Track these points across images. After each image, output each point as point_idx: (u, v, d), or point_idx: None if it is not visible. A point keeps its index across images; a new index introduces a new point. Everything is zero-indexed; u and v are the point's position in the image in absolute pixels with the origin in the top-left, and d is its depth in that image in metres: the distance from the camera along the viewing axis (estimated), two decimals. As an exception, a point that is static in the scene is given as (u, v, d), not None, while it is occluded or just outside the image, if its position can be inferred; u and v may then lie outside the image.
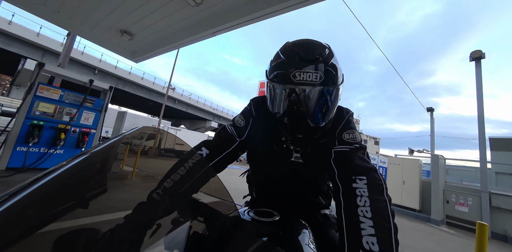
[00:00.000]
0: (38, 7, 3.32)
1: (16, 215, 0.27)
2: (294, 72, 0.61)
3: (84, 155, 0.41)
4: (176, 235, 0.52)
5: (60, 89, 3.64)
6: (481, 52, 5.25)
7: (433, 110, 8.01)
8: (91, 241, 0.34)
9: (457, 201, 5.01)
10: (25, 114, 3.27)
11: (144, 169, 0.78)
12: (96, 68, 20.03)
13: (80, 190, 0.40)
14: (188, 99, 31.80)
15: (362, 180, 0.58)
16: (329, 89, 0.63)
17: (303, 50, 0.64)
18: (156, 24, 3.45)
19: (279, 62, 0.66)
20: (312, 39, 0.70)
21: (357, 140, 0.71)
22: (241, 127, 0.83)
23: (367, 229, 0.47)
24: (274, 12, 2.54)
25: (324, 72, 0.62)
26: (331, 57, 0.65)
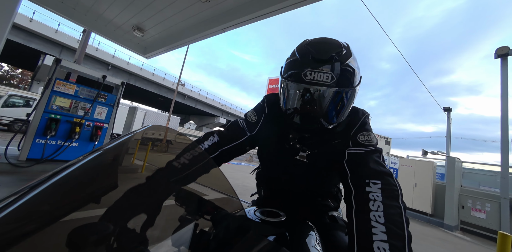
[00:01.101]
0: (56, 4, 3.43)
1: (34, 207, 0.28)
2: (306, 71, 0.60)
3: (98, 151, 0.41)
4: (183, 232, 0.52)
5: (75, 84, 3.77)
6: (508, 48, 4.90)
7: (451, 111, 7.64)
8: (102, 235, 0.35)
9: (473, 207, 4.77)
10: (43, 108, 3.42)
11: (153, 163, 0.79)
12: (110, 64, 20.64)
13: (93, 184, 0.41)
14: (197, 95, 32.19)
15: (376, 184, 0.56)
16: (340, 90, 0.61)
17: (317, 49, 0.62)
18: (167, 20, 3.48)
19: (293, 60, 0.65)
20: (330, 38, 0.67)
21: (372, 142, 0.68)
22: (252, 122, 0.83)
23: (379, 235, 0.46)
24: (284, 8, 2.48)
25: (338, 72, 0.59)
26: (348, 57, 0.62)
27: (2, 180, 2.61)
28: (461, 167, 5.33)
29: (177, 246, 0.48)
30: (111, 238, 0.35)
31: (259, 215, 0.70)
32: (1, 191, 2.29)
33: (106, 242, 0.34)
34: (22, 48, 16.66)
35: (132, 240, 0.38)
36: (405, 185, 5.96)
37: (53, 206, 0.31)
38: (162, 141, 10.37)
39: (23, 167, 3.08)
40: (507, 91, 4.69)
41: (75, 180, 0.36)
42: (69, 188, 0.35)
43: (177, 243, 0.49)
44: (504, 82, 4.78)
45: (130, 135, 0.51)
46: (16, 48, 16.65)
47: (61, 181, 0.32)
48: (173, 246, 0.48)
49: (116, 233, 0.35)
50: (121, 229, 0.37)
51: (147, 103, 38.91)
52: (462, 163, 5.39)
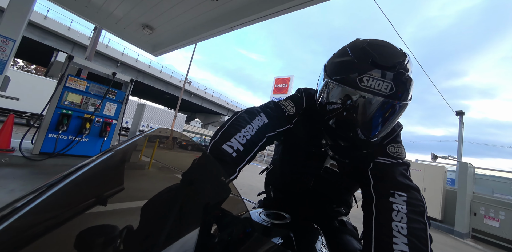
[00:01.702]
0: (69, 2, 3.51)
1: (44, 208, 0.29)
2: (363, 77, 0.52)
3: (105, 155, 0.42)
4: (188, 235, 0.53)
5: (86, 81, 3.86)
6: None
7: (463, 114, 7.39)
8: (109, 237, 0.36)
9: (486, 215, 4.60)
10: (56, 103, 3.53)
11: (160, 160, 0.80)
12: (119, 61, 21.03)
13: (101, 186, 0.42)
14: (204, 93, 32.42)
15: (402, 197, 0.54)
16: (395, 104, 0.54)
17: (380, 53, 0.54)
18: (176, 18, 3.50)
19: (346, 61, 0.57)
20: (390, 43, 0.59)
21: (401, 156, 0.65)
22: (291, 114, 0.70)
23: (400, 245, 0.44)
24: (292, 7, 2.45)
25: (397, 83, 0.52)
26: (410, 67, 0.56)
27: (17, 172, 2.71)
28: (473, 173, 5.15)
29: (182, 248, 0.49)
30: (117, 240, 0.35)
31: (265, 217, 0.69)
32: (15, 183, 2.38)
33: (113, 244, 0.35)
34: (36, 44, 17.20)
35: (138, 241, 0.38)
36: None
37: (62, 207, 0.32)
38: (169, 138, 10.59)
39: (36, 160, 3.20)
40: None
41: (83, 183, 0.37)
42: (78, 190, 0.36)
43: (182, 245, 0.50)
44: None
45: (137, 138, 0.51)
46: (31, 44, 17.21)
47: (70, 183, 0.33)
48: (178, 248, 0.49)
49: (123, 235, 0.36)
50: (128, 231, 0.37)
51: (154, 101, 39.52)
52: (475, 168, 5.21)
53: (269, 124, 0.62)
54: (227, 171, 0.49)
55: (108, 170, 0.43)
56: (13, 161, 3.02)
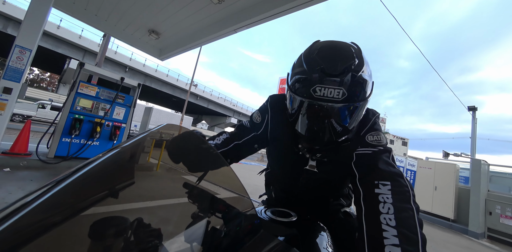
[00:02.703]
0: (80, 11, 3.68)
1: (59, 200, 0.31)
2: (315, 87, 0.55)
3: (116, 149, 0.44)
4: (195, 229, 0.54)
5: (96, 86, 4.01)
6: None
7: (476, 110, 7.11)
8: (120, 228, 0.38)
9: (503, 213, 4.36)
10: (69, 109, 3.69)
11: (167, 162, 0.82)
12: (127, 66, 21.66)
13: (112, 180, 0.44)
14: (210, 95, 32.80)
15: (386, 186, 0.54)
16: (351, 105, 0.57)
17: (328, 61, 0.56)
18: (181, 22, 3.59)
19: (301, 71, 0.60)
20: (342, 44, 0.62)
21: (381, 143, 0.66)
22: (257, 122, 0.83)
23: (391, 239, 0.44)
24: (296, 6, 2.45)
25: (350, 86, 0.55)
26: (361, 68, 0.57)
27: (34, 175, 2.85)
28: (488, 170, 4.92)
29: (189, 242, 0.51)
30: (128, 231, 0.37)
31: (270, 214, 0.70)
32: (33, 185, 2.50)
33: (124, 235, 0.37)
34: (50, 53, 18.01)
35: (148, 234, 0.40)
36: (423, 188, 5.61)
37: (77, 199, 0.35)
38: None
39: (52, 164, 3.34)
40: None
41: (95, 176, 0.39)
42: (90, 183, 0.38)
43: (190, 239, 0.51)
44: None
45: (146, 133, 0.54)
46: (45, 53, 18.04)
47: (83, 176, 0.35)
48: (186, 242, 0.50)
49: (133, 227, 0.38)
50: (138, 223, 0.40)
51: (161, 104, 40.34)
52: (489, 165, 4.98)
53: (231, 138, 0.82)
54: None
55: (120, 164, 0.45)
56: (30, 164, 3.18)
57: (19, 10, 14.91)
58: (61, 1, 3.46)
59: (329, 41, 0.65)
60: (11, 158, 3.06)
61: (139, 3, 3.26)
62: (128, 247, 0.36)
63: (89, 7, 3.62)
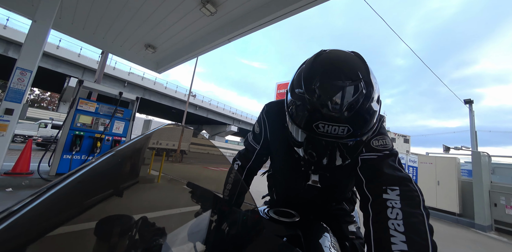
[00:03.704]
0: (79, 31, 3.83)
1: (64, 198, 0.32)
2: (318, 123, 0.50)
3: (119, 148, 0.45)
4: (199, 228, 0.55)
5: (95, 102, 4.09)
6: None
7: (472, 103, 7.16)
8: (125, 226, 0.39)
9: (508, 204, 4.28)
10: (69, 126, 3.73)
11: (169, 173, 0.82)
12: (126, 81, 22.04)
13: (117, 178, 0.45)
14: (208, 105, 33.06)
15: (394, 191, 0.52)
16: (359, 139, 0.53)
17: (331, 93, 0.49)
18: (176, 36, 3.72)
19: (301, 98, 0.53)
20: (347, 64, 0.53)
21: (387, 147, 0.63)
22: (257, 133, 0.86)
23: (399, 244, 0.43)
24: (285, 14, 2.56)
25: (354, 124, 0.50)
26: (369, 98, 0.50)
27: (36, 193, 2.84)
28: (488, 162, 4.87)
29: (193, 241, 0.51)
30: (133, 229, 0.39)
31: (273, 214, 0.70)
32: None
33: (129, 233, 0.38)
34: (50, 72, 18.42)
35: (152, 232, 0.41)
36: (426, 183, 5.55)
37: (83, 198, 0.36)
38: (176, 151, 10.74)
39: (54, 181, 3.32)
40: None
41: (99, 175, 0.40)
42: (95, 182, 0.39)
43: (193, 238, 0.52)
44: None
45: (148, 132, 0.55)
46: (45, 73, 18.45)
47: (88, 175, 0.36)
48: (189, 241, 0.51)
49: (138, 225, 0.39)
50: (143, 222, 0.40)
51: (161, 116, 40.56)
52: (491, 157, 4.93)
53: (243, 164, 0.89)
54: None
55: (124, 163, 0.47)
56: (32, 183, 3.18)
57: (20, 33, 15.42)
58: (60, 22, 3.61)
59: (334, 57, 0.56)
60: (13, 178, 3.07)
61: (135, 19, 3.40)
62: (133, 245, 0.37)
63: (87, 26, 3.77)
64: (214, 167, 0.90)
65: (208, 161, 0.89)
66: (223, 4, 2.74)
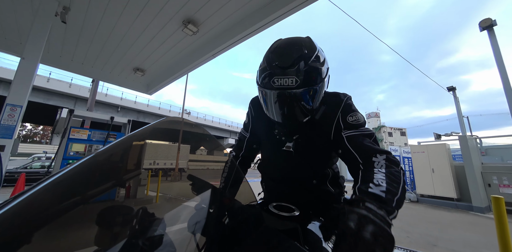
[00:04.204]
0: (68, 63, 3.96)
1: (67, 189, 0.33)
2: (273, 79, 0.66)
3: (122, 140, 0.46)
4: (198, 220, 0.55)
5: (87, 129, 4.11)
6: (490, 20, 4.89)
7: (455, 90, 7.43)
8: (125, 216, 0.39)
9: (500, 183, 4.34)
10: (62, 156, 3.69)
11: (167, 192, 0.81)
12: (119, 106, 22.12)
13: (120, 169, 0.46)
14: (204, 120, 33.15)
15: (382, 156, 0.64)
16: (309, 88, 0.67)
17: (280, 56, 0.67)
18: (163, 57, 3.87)
19: (263, 69, 0.71)
20: (294, 40, 0.72)
21: (360, 121, 0.76)
22: (246, 123, 1.02)
23: (379, 174, 0.57)
24: (264, 26, 2.72)
25: (302, 74, 0.65)
26: (310, 56, 0.67)
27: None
28: (476, 144, 4.94)
29: (192, 232, 0.51)
30: (133, 219, 0.39)
31: (273, 209, 0.71)
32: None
33: (129, 223, 0.39)
34: (42, 106, 18.40)
35: (152, 223, 0.41)
36: (422, 172, 5.61)
37: (85, 188, 0.37)
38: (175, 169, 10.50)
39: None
40: (502, 61, 4.57)
41: (102, 166, 0.41)
42: (97, 173, 0.40)
43: (193, 230, 0.52)
44: (497, 53, 4.70)
45: (149, 125, 0.54)
46: (37, 107, 18.42)
47: (90, 166, 0.37)
48: (189, 232, 0.51)
49: (138, 216, 0.40)
50: (142, 212, 0.41)
51: (157, 138, 40.12)
52: (480, 139, 5.02)
53: (236, 153, 1.04)
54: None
55: (126, 154, 0.48)
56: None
57: (9, 71, 15.64)
58: (48, 56, 3.73)
59: (285, 38, 0.75)
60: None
61: (121, 46, 3.55)
62: (133, 235, 0.38)
63: (75, 58, 3.90)
64: (216, 182, 0.91)
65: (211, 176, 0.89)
66: (203, 23, 2.92)
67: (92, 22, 2.97)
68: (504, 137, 5.68)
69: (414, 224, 3.84)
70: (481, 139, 4.87)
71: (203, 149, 41.89)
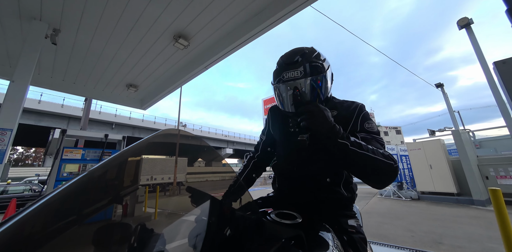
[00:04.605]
0: (59, 84, 3.95)
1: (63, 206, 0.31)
2: (283, 74, 0.83)
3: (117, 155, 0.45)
4: (199, 232, 0.53)
5: (81, 149, 4.03)
6: (467, 19, 5.18)
7: (443, 86, 7.67)
8: (123, 234, 0.38)
9: (497, 175, 4.38)
10: (55, 177, 3.58)
11: (167, 208, 0.80)
12: (113, 122, 21.90)
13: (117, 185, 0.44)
14: (200, 132, 32.98)
15: (384, 151, 0.73)
16: (312, 78, 0.81)
17: (285, 57, 0.88)
18: (155, 72, 3.91)
19: (275, 70, 0.90)
20: (298, 47, 0.92)
21: (374, 129, 0.85)
22: (264, 127, 1.16)
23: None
24: (253, 36, 2.81)
25: (305, 67, 0.81)
26: (312, 54, 0.86)
27: None
28: (470, 137, 5.03)
29: (193, 246, 0.50)
30: (132, 237, 0.37)
31: (274, 216, 0.69)
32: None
33: (127, 241, 0.37)
34: (33, 128, 18.04)
35: (151, 240, 0.40)
36: (420, 169, 5.64)
37: (80, 206, 0.35)
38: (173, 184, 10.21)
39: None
40: (483, 58, 4.80)
41: (97, 183, 0.39)
42: (92, 191, 0.38)
43: (194, 243, 0.50)
44: (477, 50, 4.92)
45: (144, 139, 0.55)
46: (28, 129, 18.03)
47: (83, 185, 0.35)
48: (189, 246, 0.49)
49: (136, 233, 0.38)
50: (141, 229, 0.39)
51: (155, 152, 39.47)
52: (473, 132, 5.12)
53: (254, 153, 1.16)
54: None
55: (121, 170, 0.46)
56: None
57: (0, 95, 15.46)
58: (38, 78, 3.73)
59: (292, 48, 0.95)
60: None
61: (113, 64, 3.59)
62: None
63: (66, 78, 3.91)
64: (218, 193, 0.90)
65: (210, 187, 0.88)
66: (194, 36, 3.00)
67: (83, 42, 3.02)
68: (496, 129, 5.85)
69: (417, 222, 3.83)
70: (474, 132, 4.96)
71: (201, 160, 41.29)
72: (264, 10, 2.56)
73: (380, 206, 5.30)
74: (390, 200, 5.94)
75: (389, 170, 0.66)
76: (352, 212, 0.89)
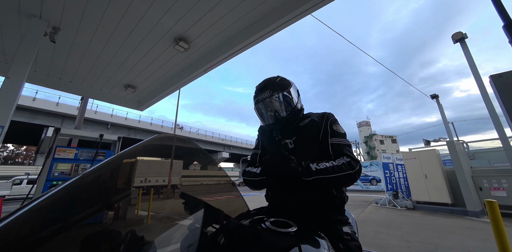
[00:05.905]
0: (55, 82, 3.90)
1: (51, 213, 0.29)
2: (258, 97, 1.09)
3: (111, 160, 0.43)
4: (192, 241, 0.52)
5: (74, 148, 3.93)
6: (462, 33, 5.37)
7: (438, 97, 7.85)
8: (113, 242, 0.36)
9: (490, 186, 4.43)
10: (45, 177, 3.48)
11: (160, 211, 0.78)
12: (109, 123, 21.63)
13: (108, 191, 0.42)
14: (197, 135, 32.74)
15: (347, 159, 0.92)
16: (278, 95, 1.05)
17: (258, 85, 1.14)
18: (154, 74, 3.90)
19: (254, 95, 1.14)
20: (272, 77, 1.17)
21: (342, 131, 1.05)
22: (256, 143, 1.30)
23: (328, 163, 0.90)
24: (253, 42, 2.84)
25: (271, 88, 1.06)
26: (275, 79, 1.11)
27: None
28: (464, 149, 5.11)
29: None
30: (121, 245, 0.35)
31: (270, 225, 0.69)
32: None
33: (117, 250, 0.34)
34: (26, 126, 17.69)
35: (142, 247, 0.38)
36: (416, 178, 5.67)
37: (68, 212, 0.33)
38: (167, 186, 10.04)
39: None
40: (477, 71, 4.94)
41: (89, 188, 0.38)
42: (84, 196, 0.37)
43: (185, 251, 0.48)
44: (471, 63, 5.07)
45: (140, 143, 0.54)
46: (20, 127, 17.66)
47: (75, 189, 0.33)
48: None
49: (126, 240, 0.36)
50: (131, 236, 0.37)
51: (150, 154, 38.90)
52: (467, 144, 5.20)
53: (252, 164, 1.24)
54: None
55: (115, 174, 0.44)
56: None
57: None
58: (35, 75, 3.68)
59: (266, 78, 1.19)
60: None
61: (112, 64, 3.57)
62: None
63: (63, 76, 3.87)
64: (210, 197, 0.90)
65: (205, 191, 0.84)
66: (194, 40, 3.01)
67: (82, 42, 3.01)
68: (489, 141, 5.98)
69: (413, 232, 3.81)
70: (468, 143, 5.04)
71: (197, 164, 40.86)
72: (264, 17, 2.60)
73: (375, 214, 5.28)
74: (385, 209, 5.94)
75: (349, 179, 0.86)
76: (344, 217, 0.94)
